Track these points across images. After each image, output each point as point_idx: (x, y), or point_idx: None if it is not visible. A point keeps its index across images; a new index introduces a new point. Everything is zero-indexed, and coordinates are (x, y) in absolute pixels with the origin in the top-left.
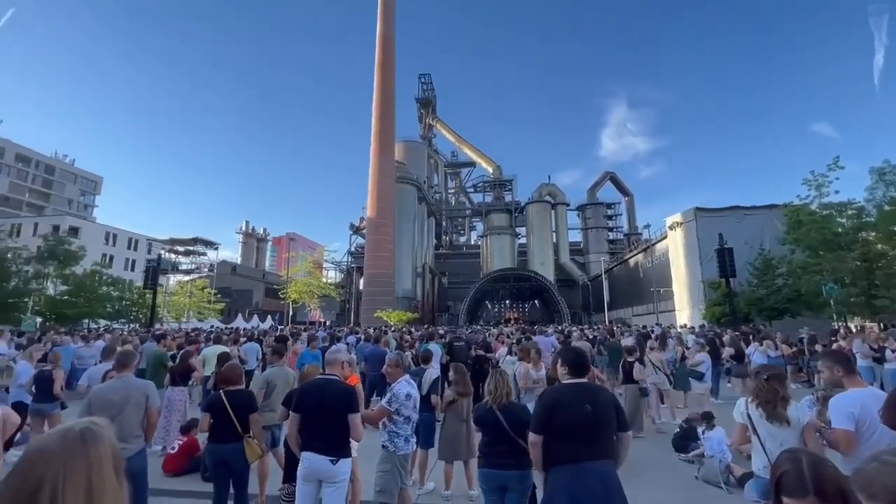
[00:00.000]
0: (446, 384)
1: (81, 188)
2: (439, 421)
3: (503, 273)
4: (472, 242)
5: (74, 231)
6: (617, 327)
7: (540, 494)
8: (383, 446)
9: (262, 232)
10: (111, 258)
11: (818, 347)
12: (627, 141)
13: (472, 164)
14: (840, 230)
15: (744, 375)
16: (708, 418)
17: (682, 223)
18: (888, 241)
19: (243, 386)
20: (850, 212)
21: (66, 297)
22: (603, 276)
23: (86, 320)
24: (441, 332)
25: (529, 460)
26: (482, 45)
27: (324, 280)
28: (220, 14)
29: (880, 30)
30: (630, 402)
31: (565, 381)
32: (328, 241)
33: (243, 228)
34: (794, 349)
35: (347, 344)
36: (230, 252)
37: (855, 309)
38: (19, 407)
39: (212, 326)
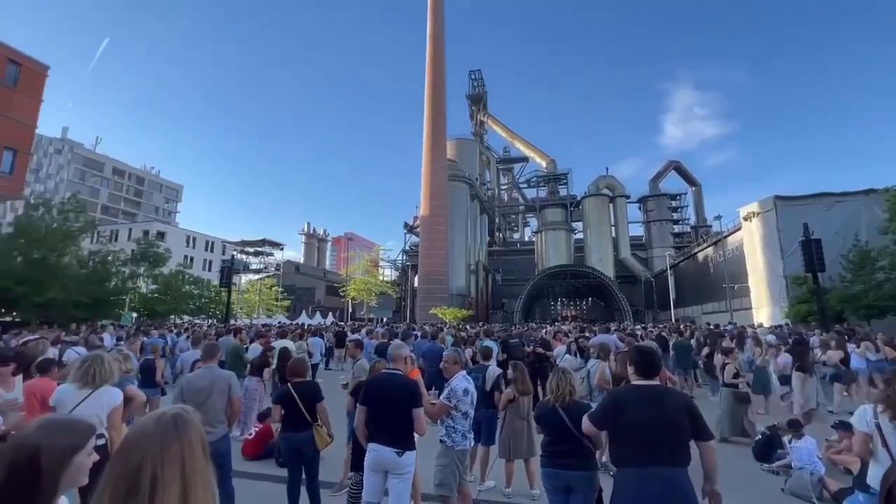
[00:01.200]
0: (503, 382)
1: (166, 196)
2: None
3: (559, 270)
4: (526, 239)
5: (161, 235)
6: (684, 326)
7: (606, 498)
8: (441, 441)
9: (322, 232)
10: (191, 259)
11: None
12: (694, 127)
13: (524, 159)
14: None
15: (850, 381)
16: (796, 427)
17: (758, 213)
18: None
19: (309, 378)
20: None
21: (156, 295)
22: (668, 271)
23: (172, 316)
24: (496, 329)
25: (595, 462)
26: (533, 34)
27: (380, 278)
28: (274, 24)
29: None
30: (725, 406)
31: (633, 383)
32: (384, 240)
33: (305, 229)
34: None
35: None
36: (294, 252)
37: None
38: None
39: (279, 322)
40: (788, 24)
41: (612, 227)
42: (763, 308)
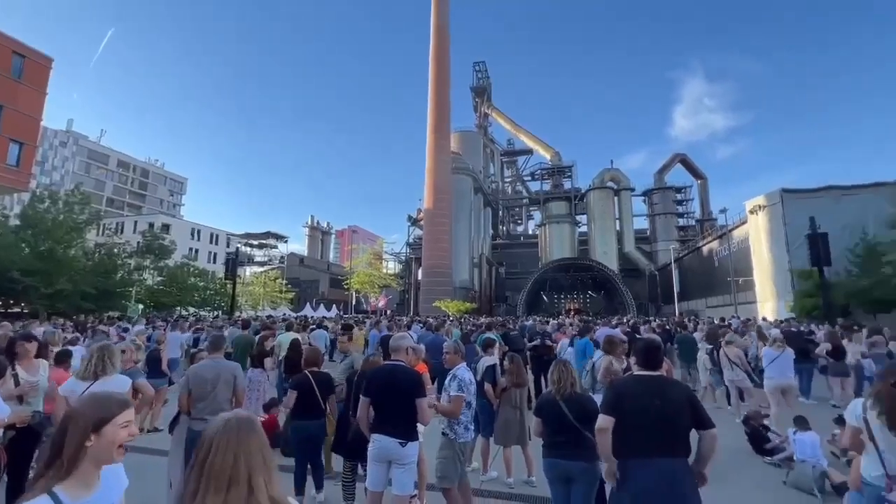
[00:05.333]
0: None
1: (170, 189)
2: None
3: (562, 263)
4: (530, 232)
5: (166, 228)
6: (689, 319)
7: (608, 489)
8: (443, 433)
9: (325, 225)
10: (196, 252)
11: None
12: (703, 118)
13: (528, 151)
14: None
15: (844, 374)
16: (801, 422)
17: (765, 206)
18: None
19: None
20: None
21: (161, 287)
22: (672, 265)
23: (178, 308)
24: (498, 322)
25: (596, 452)
26: (540, 24)
27: (384, 271)
28: (278, 18)
29: None
30: None
31: (636, 373)
32: (387, 233)
33: (309, 222)
34: None
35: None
36: (298, 245)
37: None
38: None
39: (284, 314)
40: (804, 12)
41: (617, 221)
42: (768, 302)
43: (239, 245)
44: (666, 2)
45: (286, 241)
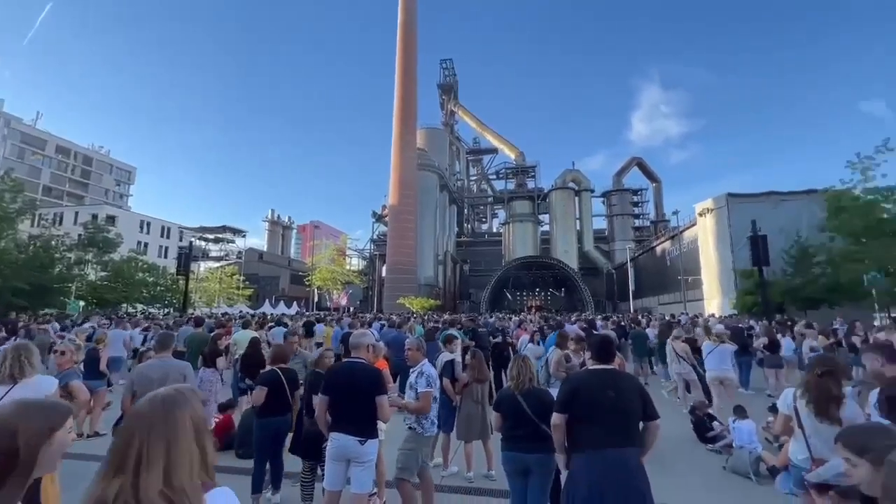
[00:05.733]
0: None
1: (117, 178)
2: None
3: (525, 261)
4: (494, 230)
5: (112, 219)
6: (642, 316)
7: (563, 480)
8: (410, 428)
9: (287, 220)
10: (146, 245)
11: (855, 339)
12: (659, 124)
13: (494, 150)
14: (886, 216)
15: (777, 366)
16: (739, 411)
17: (712, 209)
18: None
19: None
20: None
21: (105, 283)
22: (628, 264)
23: (124, 305)
24: (463, 319)
25: (552, 444)
26: (506, 26)
27: (347, 267)
28: (245, 5)
29: None
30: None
31: (590, 367)
32: (351, 228)
33: (269, 216)
34: (831, 341)
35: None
36: (257, 240)
37: None
38: None
39: (241, 312)
40: (755, 24)
41: (577, 221)
42: (714, 299)
43: (193, 239)
44: (628, 11)
45: (244, 236)
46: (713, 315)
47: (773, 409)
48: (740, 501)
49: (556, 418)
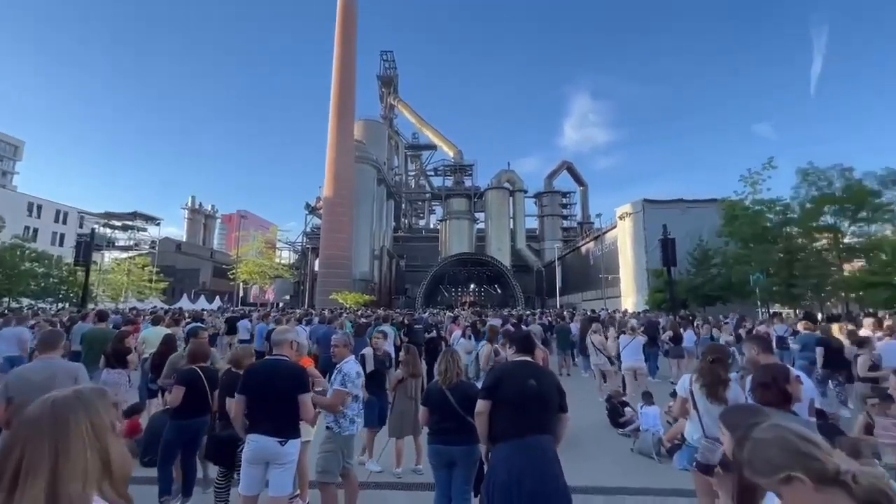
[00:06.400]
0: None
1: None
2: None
3: (461, 257)
4: (431, 226)
5: None
6: (567, 312)
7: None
8: (328, 427)
9: (210, 209)
10: (35, 231)
11: (742, 331)
12: (588, 132)
13: (433, 147)
14: (768, 225)
15: (679, 356)
16: (647, 397)
17: (630, 213)
18: (807, 236)
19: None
20: (777, 208)
21: None
22: (556, 262)
23: (6, 298)
24: (396, 314)
25: (477, 437)
26: (447, 26)
27: (277, 261)
28: None
29: (820, 38)
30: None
31: (513, 359)
32: (282, 220)
33: (189, 204)
34: (732, 335)
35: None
36: (175, 229)
37: (776, 297)
38: None
39: (154, 307)
40: (673, 47)
41: (511, 220)
42: (630, 296)
43: (96, 226)
44: (565, 23)
45: (158, 224)
46: (627, 310)
47: (674, 394)
48: (644, 479)
49: (480, 405)
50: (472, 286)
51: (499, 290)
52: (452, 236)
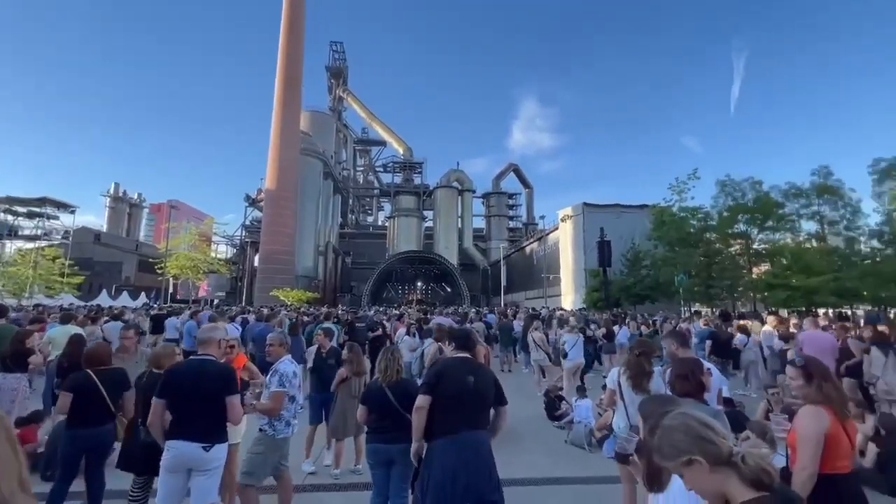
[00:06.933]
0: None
1: None
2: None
3: (409, 255)
4: (379, 223)
5: None
6: (511, 310)
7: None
8: (261, 429)
9: (136, 197)
10: None
11: (667, 327)
12: (534, 136)
13: (382, 142)
14: (692, 230)
15: (612, 351)
16: (580, 391)
17: (571, 216)
18: (724, 242)
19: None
20: (699, 215)
21: None
22: (501, 261)
23: None
24: (338, 312)
25: None
26: (399, 23)
27: (213, 255)
28: None
29: (739, 63)
30: None
31: (453, 356)
32: (220, 212)
33: (112, 192)
34: (651, 329)
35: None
36: (93, 217)
37: (697, 296)
38: None
39: (69, 304)
40: (614, 59)
41: (459, 219)
42: (569, 295)
43: None
44: (515, 29)
45: (73, 212)
46: (565, 309)
47: (605, 386)
48: (576, 468)
49: (420, 400)
50: (419, 284)
51: (447, 289)
52: (400, 234)
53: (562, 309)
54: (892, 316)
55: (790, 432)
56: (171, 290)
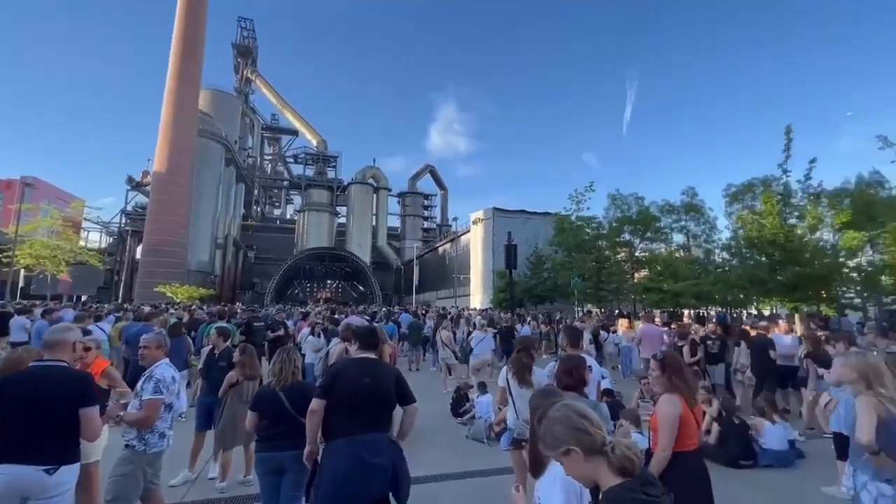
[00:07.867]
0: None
1: None
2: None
3: (319, 251)
4: (288, 216)
5: None
6: (423, 310)
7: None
8: (127, 445)
9: None
10: None
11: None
12: (452, 139)
13: (294, 132)
14: (586, 238)
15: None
16: (482, 387)
17: (482, 220)
18: (612, 249)
19: None
20: (593, 224)
21: None
22: (415, 261)
23: None
24: (238, 310)
25: None
26: (319, 10)
27: (81, 243)
28: None
29: (631, 91)
30: None
31: (354, 356)
32: (94, 195)
33: None
34: (549, 327)
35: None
36: None
37: (589, 297)
38: None
39: None
40: (533, 70)
41: (374, 216)
42: (478, 295)
43: None
44: (437, 30)
45: None
46: (474, 308)
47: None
48: (475, 461)
49: (314, 403)
50: (329, 282)
51: (359, 287)
52: (311, 229)
53: (470, 309)
54: (735, 315)
55: (652, 416)
56: (21, 283)
